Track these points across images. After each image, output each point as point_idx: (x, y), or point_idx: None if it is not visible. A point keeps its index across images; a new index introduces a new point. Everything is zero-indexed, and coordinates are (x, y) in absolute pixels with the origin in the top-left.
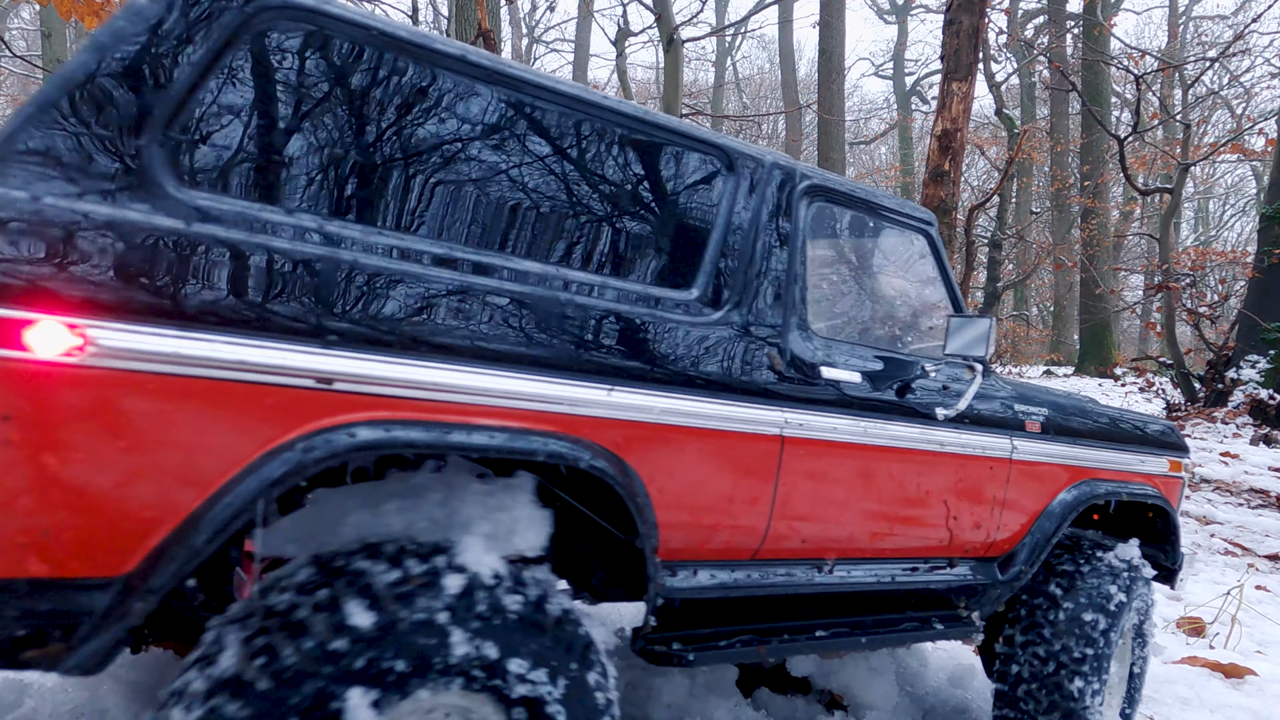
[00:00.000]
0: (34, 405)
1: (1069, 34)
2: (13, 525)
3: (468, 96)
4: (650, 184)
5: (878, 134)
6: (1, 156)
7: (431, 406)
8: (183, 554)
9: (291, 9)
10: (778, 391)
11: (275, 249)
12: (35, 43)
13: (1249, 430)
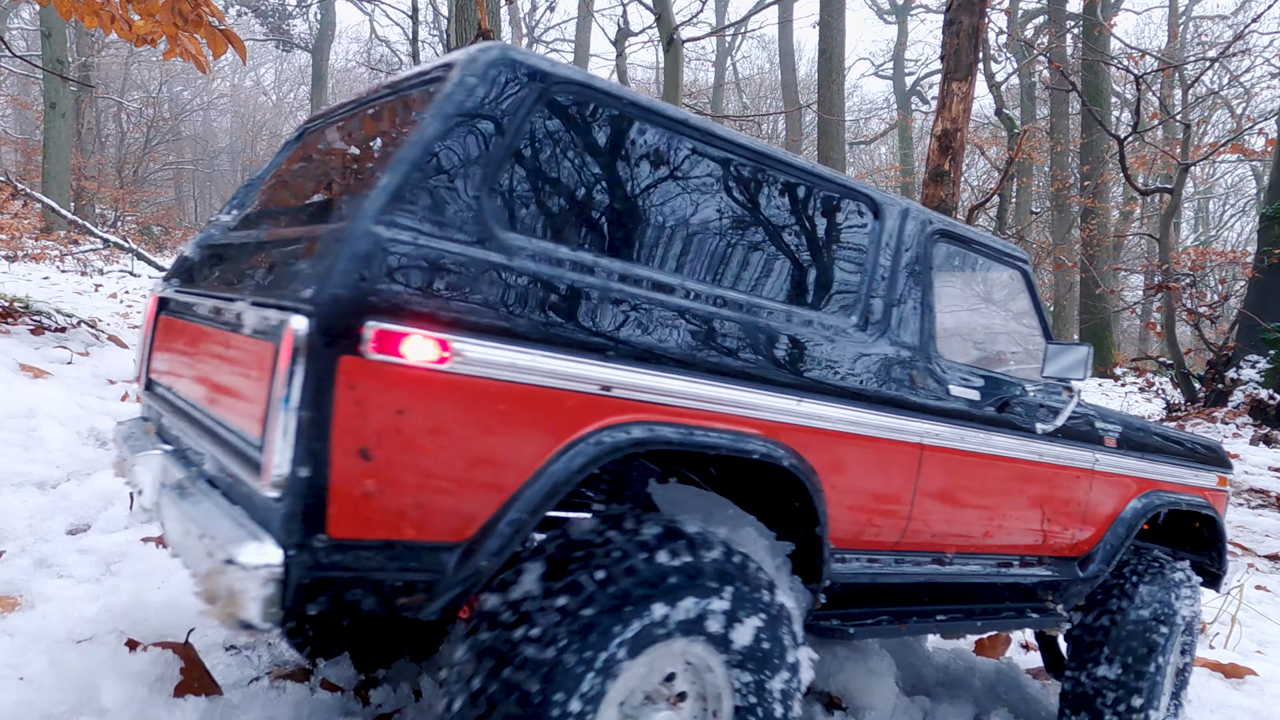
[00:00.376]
0: (417, 403)
1: (1069, 34)
2: (397, 498)
3: (701, 157)
4: (821, 227)
5: (878, 134)
6: (387, 207)
7: (677, 411)
8: (508, 526)
9: (567, 83)
10: (919, 406)
11: (569, 280)
12: (35, 43)
13: (1249, 430)
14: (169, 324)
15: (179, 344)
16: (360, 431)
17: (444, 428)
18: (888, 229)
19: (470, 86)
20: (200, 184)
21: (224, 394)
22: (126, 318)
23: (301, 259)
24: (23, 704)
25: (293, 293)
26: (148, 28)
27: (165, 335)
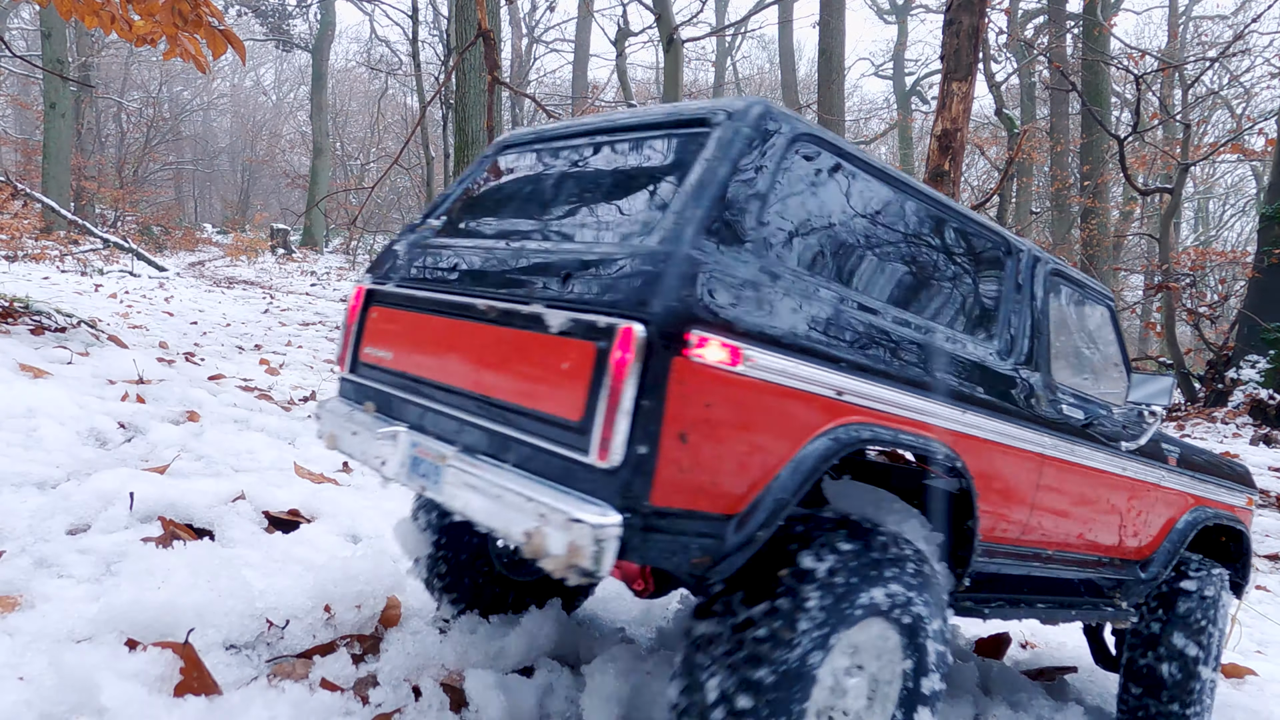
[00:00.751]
0: (718, 397)
1: (1069, 34)
2: (699, 474)
3: (902, 204)
4: (975, 266)
5: (878, 134)
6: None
7: (885, 416)
8: (771, 504)
9: (811, 136)
10: (1042, 421)
11: (818, 301)
12: (35, 43)
13: (1249, 430)
14: (391, 315)
15: (418, 334)
16: (682, 419)
17: (732, 418)
18: (1018, 268)
19: (748, 136)
20: (200, 184)
21: (515, 380)
22: (126, 318)
23: (621, 275)
24: (22, 704)
25: (624, 303)
26: (148, 28)
27: (388, 325)
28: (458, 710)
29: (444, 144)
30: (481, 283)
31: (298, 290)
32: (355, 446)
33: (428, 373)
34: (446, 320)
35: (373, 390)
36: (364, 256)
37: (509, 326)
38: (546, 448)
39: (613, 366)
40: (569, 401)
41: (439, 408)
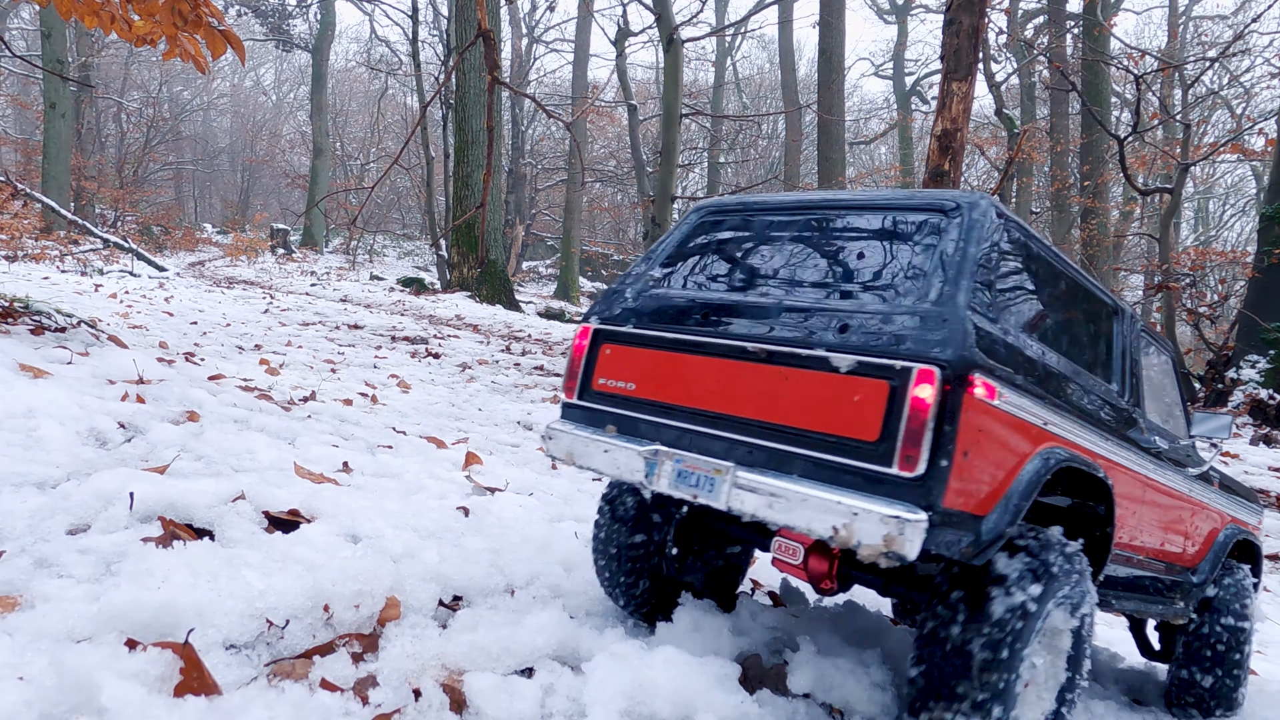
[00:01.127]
0: (984, 423)
1: (1069, 34)
2: (970, 482)
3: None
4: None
5: (878, 134)
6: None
7: (1068, 442)
8: (1007, 507)
9: (1017, 226)
10: (1144, 449)
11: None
12: (35, 43)
13: (1249, 430)
14: (631, 352)
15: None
16: (965, 440)
17: (989, 441)
18: (1124, 325)
19: (986, 225)
20: (200, 184)
21: (795, 408)
22: (126, 318)
23: (909, 330)
24: (22, 704)
25: (917, 352)
26: (148, 28)
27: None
28: (458, 711)
29: (444, 144)
30: (743, 329)
31: (298, 290)
32: (607, 463)
33: (684, 400)
34: (706, 359)
35: (612, 415)
36: (364, 256)
37: (786, 365)
38: (837, 461)
39: (912, 400)
40: (863, 425)
41: (702, 430)
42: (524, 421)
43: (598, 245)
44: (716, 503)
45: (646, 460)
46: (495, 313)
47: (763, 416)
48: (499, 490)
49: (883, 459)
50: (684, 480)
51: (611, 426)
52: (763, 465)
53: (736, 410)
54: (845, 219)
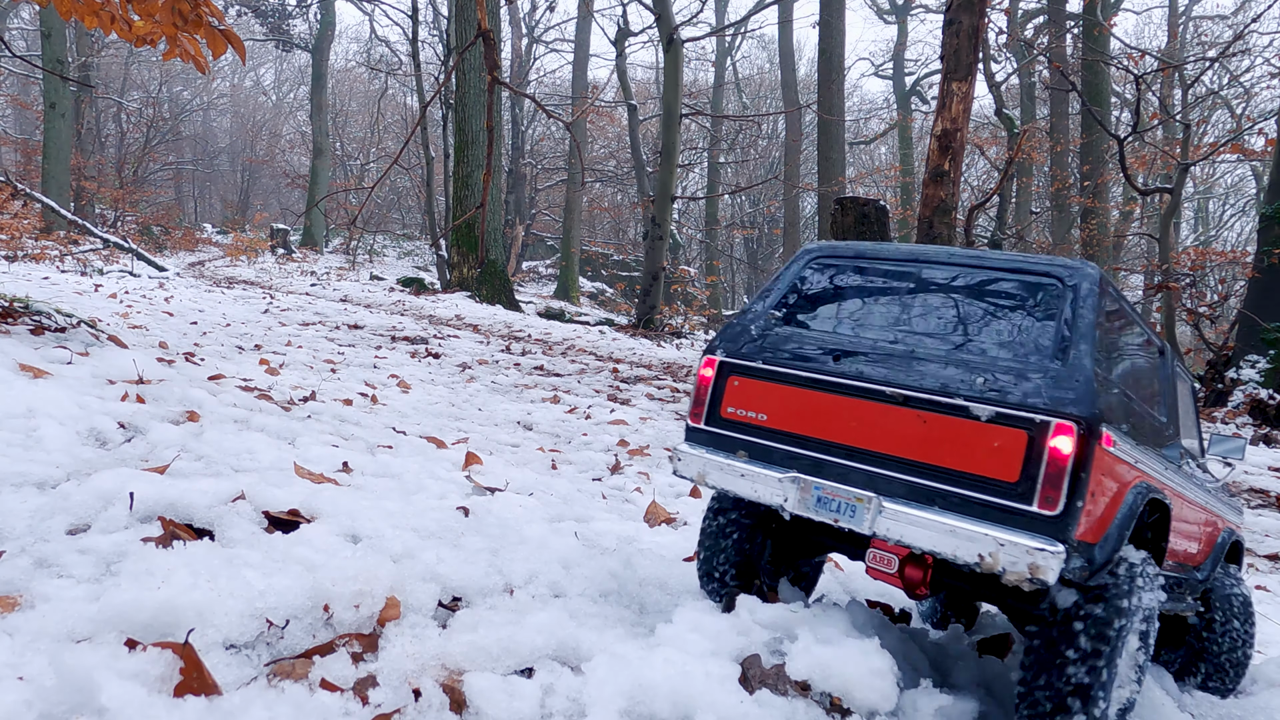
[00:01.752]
0: (1103, 466)
1: (1069, 34)
2: (1091, 516)
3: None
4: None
5: (878, 134)
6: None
7: (1149, 476)
8: (1114, 533)
9: (1113, 289)
10: (1184, 469)
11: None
12: (35, 43)
13: (1249, 430)
14: (760, 385)
15: (800, 403)
16: (1093, 483)
17: (1107, 480)
18: (1167, 363)
19: (1098, 292)
20: (200, 184)
21: (934, 448)
22: (126, 318)
23: (1045, 386)
24: (22, 704)
25: (1050, 407)
26: (148, 28)
27: (757, 392)
28: (458, 711)
29: (444, 144)
30: (878, 373)
31: (298, 290)
32: (744, 486)
33: (818, 433)
34: (841, 397)
35: (743, 442)
36: (364, 256)
37: (924, 409)
38: (975, 496)
39: (1051, 450)
40: (1003, 467)
41: (838, 461)
42: (524, 421)
43: (598, 245)
44: (860, 527)
45: (786, 486)
46: (495, 313)
47: (900, 453)
48: (499, 490)
49: (1022, 498)
50: (824, 505)
51: (743, 452)
52: (902, 496)
53: (873, 445)
54: (958, 275)
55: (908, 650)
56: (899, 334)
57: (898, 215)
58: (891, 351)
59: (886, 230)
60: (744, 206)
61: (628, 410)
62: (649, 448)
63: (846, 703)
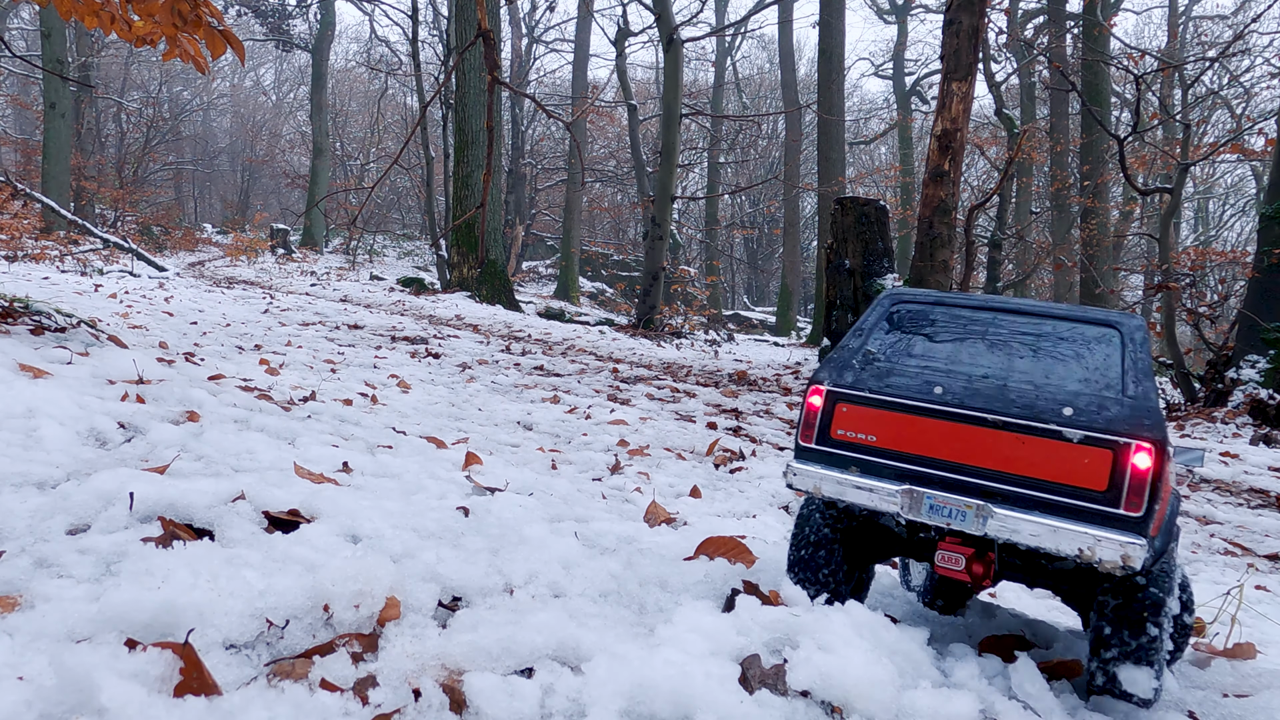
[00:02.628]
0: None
1: (1069, 34)
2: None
3: None
4: None
5: (878, 134)
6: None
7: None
8: (1164, 531)
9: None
10: None
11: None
12: (35, 43)
13: (1249, 430)
14: (867, 411)
15: (906, 427)
16: (1163, 490)
17: (1168, 488)
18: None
19: (1148, 339)
20: (200, 184)
21: (1033, 464)
22: (126, 318)
23: (1121, 414)
24: (22, 704)
25: (1129, 430)
26: (147, 28)
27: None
28: (458, 711)
29: (444, 144)
30: (978, 402)
31: (298, 290)
32: (862, 496)
33: (925, 452)
34: (944, 422)
35: (854, 460)
36: (364, 256)
37: (1020, 433)
38: (1068, 502)
39: (1134, 465)
40: (1093, 479)
41: (944, 475)
42: (524, 421)
43: (598, 245)
44: (970, 529)
45: (903, 495)
46: (495, 313)
47: (1001, 468)
48: (499, 490)
49: (1110, 503)
50: (936, 512)
51: (854, 468)
52: (1005, 502)
53: (976, 462)
54: (1027, 321)
55: (909, 651)
56: (986, 369)
57: (898, 215)
58: (985, 384)
59: (886, 230)
60: (744, 206)
61: (628, 410)
62: (649, 448)
63: (847, 714)
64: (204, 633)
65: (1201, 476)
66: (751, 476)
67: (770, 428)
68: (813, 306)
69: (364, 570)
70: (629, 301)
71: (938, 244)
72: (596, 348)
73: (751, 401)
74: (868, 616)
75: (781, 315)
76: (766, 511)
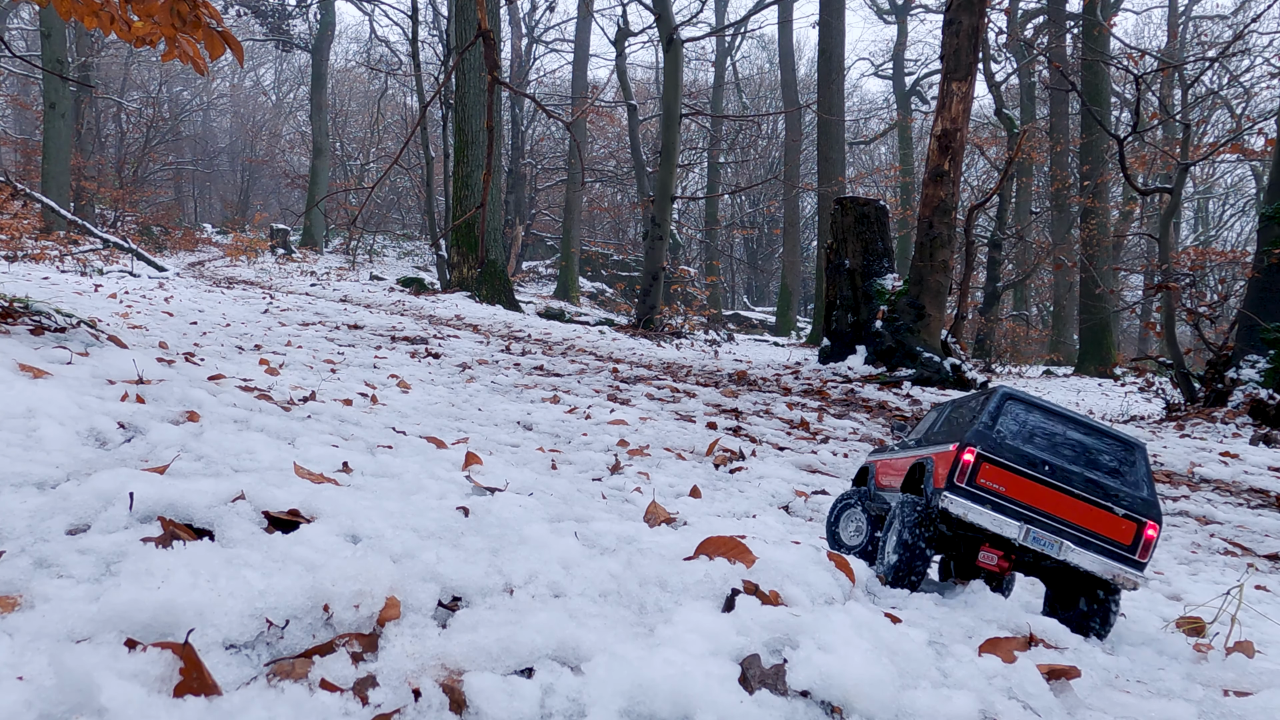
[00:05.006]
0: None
1: (1069, 34)
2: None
3: None
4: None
5: (878, 134)
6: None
7: None
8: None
9: None
10: None
11: None
12: (35, 43)
13: (1249, 430)
14: (1003, 473)
15: (1026, 487)
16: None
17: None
18: None
19: (1148, 457)
20: (200, 184)
21: (1094, 525)
22: (126, 318)
23: (1141, 503)
24: (21, 704)
25: (1146, 513)
26: (147, 29)
27: (1001, 475)
28: (458, 711)
29: (444, 144)
30: (1072, 483)
31: (297, 290)
32: (992, 522)
33: (1035, 504)
34: (1049, 489)
35: (989, 500)
36: (364, 256)
37: (1091, 505)
38: (1107, 547)
39: (1146, 533)
40: (1124, 536)
41: (1043, 519)
42: (524, 421)
43: (598, 245)
44: (1055, 555)
45: (1019, 529)
46: (495, 313)
47: (1076, 521)
48: (499, 490)
49: (1131, 550)
50: (1036, 541)
51: (989, 507)
52: (1071, 541)
53: (1063, 515)
54: (1090, 428)
55: (909, 651)
56: (1068, 456)
57: (898, 215)
58: (1076, 471)
59: (886, 230)
60: (744, 206)
61: (628, 410)
62: (649, 448)
63: (847, 714)
64: (204, 633)
65: (1201, 476)
66: (751, 476)
67: (770, 428)
68: (813, 306)
69: (364, 570)
70: (629, 301)
71: (938, 244)
72: (596, 348)
73: (751, 401)
74: (868, 616)
75: (781, 315)
76: (766, 511)
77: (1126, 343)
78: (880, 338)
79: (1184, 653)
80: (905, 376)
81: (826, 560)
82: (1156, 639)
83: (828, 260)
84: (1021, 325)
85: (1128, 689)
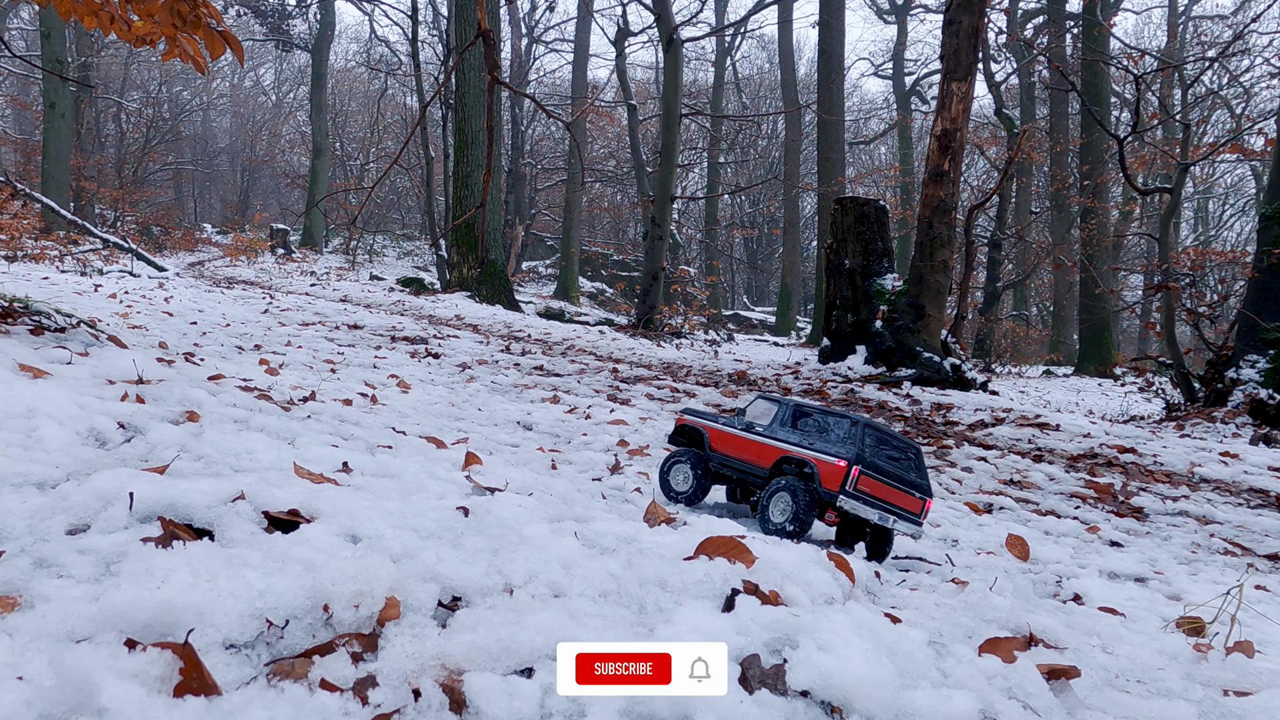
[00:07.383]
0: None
1: (1069, 34)
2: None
3: None
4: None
5: (878, 134)
6: None
7: None
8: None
9: None
10: None
11: None
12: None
13: (1249, 430)
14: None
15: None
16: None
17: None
18: None
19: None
20: (200, 184)
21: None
22: (126, 318)
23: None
24: (21, 704)
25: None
26: (147, 28)
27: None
28: (458, 711)
29: (444, 144)
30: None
31: (297, 290)
32: (870, 514)
33: (883, 496)
34: (888, 485)
35: (863, 498)
36: (364, 256)
37: (905, 493)
38: (910, 515)
39: (927, 505)
40: (916, 508)
41: (883, 503)
42: (524, 421)
43: (597, 245)
44: (888, 526)
45: (878, 515)
46: (495, 313)
47: (898, 504)
48: (499, 490)
49: (918, 517)
50: (883, 519)
51: (862, 503)
52: (896, 515)
53: (899, 503)
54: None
55: (909, 651)
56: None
57: (898, 215)
58: (895, 470)
59: (886, 230)
60: (744, 206)
61: (628, 410)
62: (649, 448)
63: (847, 714)
64: (204, 633)
65: (1201, 476)
66: None
67: None
68: (813, 306)
69: (364, 570)
70: (629, 301)
71: (938, 244)
72: (596, 348)
73: None
74: (868, 616)
75: (781, 315)
76: None
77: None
78: (880, 338)
79: (1184, 653)
80: (905, 376)
81: (826, 560)
82: (1156, 639)
83: (828, 260)
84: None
85: (1128, 689)
